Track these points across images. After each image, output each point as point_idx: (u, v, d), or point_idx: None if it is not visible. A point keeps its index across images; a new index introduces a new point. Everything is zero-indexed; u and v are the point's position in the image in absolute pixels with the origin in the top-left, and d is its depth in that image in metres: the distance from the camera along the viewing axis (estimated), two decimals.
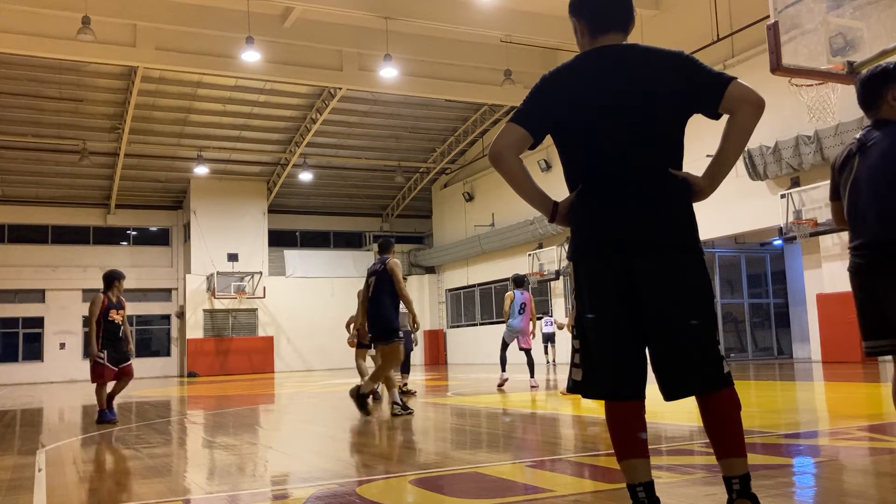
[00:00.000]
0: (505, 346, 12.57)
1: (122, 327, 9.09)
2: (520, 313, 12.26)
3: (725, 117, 2.72)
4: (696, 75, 2.70)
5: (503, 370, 12.52)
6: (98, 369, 8.89)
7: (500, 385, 12.31)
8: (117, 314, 9.05)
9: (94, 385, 8.98)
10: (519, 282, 12.64)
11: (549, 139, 2.86)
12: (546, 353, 23.46)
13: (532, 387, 12.13)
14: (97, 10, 17.98)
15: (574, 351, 2.83)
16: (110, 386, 9.18)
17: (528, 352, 12.56)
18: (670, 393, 2.72)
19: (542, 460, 5.08)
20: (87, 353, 9.28)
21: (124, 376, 9.14)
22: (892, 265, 3.25)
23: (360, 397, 8.15)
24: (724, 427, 2.65)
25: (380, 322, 8.39)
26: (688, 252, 2.71)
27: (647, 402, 2.77)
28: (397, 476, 4.72)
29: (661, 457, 4.87)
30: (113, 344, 8.97)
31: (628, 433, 2.71)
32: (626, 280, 2.67)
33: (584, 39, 2.87)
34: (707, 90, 2.68)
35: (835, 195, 3.62)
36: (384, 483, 4.52)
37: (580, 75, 2.77)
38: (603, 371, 2.73)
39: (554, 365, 22.28)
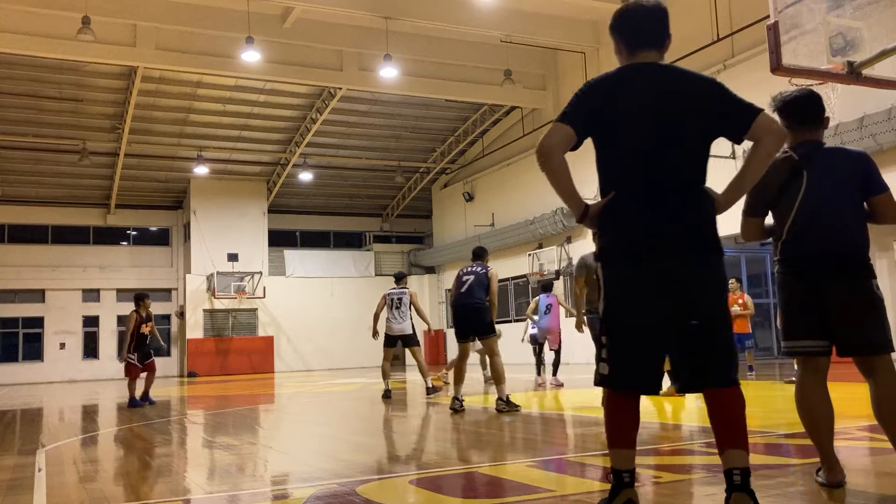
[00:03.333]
0: (537, 346, 13.31)
1: (148, 337, 12.07)
2: (546, 313, 12.85)
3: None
4: (727, 102, 2.94)
5: (539, 373, 13.02)
6: (130, 368, 11.90)
7: (541, 385, 12.64)
8: (146, 327, 11.96)
9: (128, 379, 11.94)
10: (547, 286, 13.63)
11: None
12: (536, 354, 23.38)
13: (558, 385, 12.38)
14: (97, 10, 17.96)
15: (601, 346, 3.00)
16: (140, 385, 12.13)
17: (556, 352, 13.12)
18: (694, 385, 2.91)
19: (542, 460, 5.08)
20: (120, 356, 12.47)
21: (150, 371, 12.14)
22: (854, 272, 3.52)
23: (508, 404, 8.38)
24: (732, 421, 2.81)
25: (484, 317, 8.74)
26: (717, 255, 2.94)
27: (645, 402, 2.81)
28: (397, 476, 4.72)
29: (662, 457, 4.87)
30: (141, 349, 12.00)
31: (627, 425, 2.93)
32: (658, 280, 2.86)
33: (621, 56, 3.10)
34: (737, 118, 2.91)
35: (757, 211, 3.74)
36: (384, 483, 4.52)
37: (621, 86, 2.99)
38: (631, 365, 2.92)
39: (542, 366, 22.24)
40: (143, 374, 12.15)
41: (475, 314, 8.74)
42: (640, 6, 3.06)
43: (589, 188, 3.14)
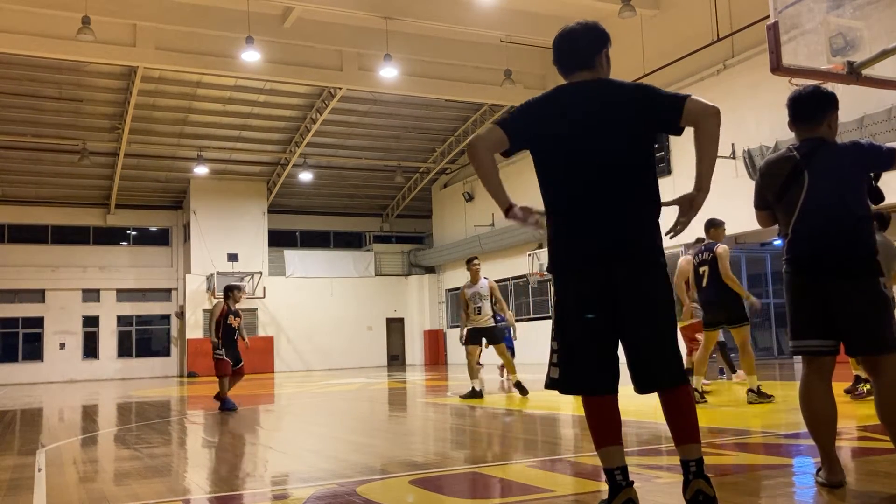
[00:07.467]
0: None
1: (237, 332, 10.35)
2: None
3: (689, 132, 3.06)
4: (655, 98, 3.08)
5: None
6: (219, 364, 10.21)
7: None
8: (235, 320, 10.32)
9: (218, 379, 10.28)
10: None
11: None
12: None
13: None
14: (97, 10, 17.97)
15: (552, 351, 3.18)
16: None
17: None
18: (644, 388, 3.09)
19: (542, 460, 5.08)
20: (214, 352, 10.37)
21: (238, 375, 10.41)
22: (860, 271, 3.51)
23: (759, 395, 7.89)
24: (686, 418, 3.04)
25: (736, 306, 8.43)
26: (657, 264, 3.10)
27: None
28: (397, 476, 4.72)
29: (661, 457, 4.87)
30: (228, 345, 10.24)
31: (606, 424, 3.07)
32: (606, 289, 3.03)
33: (562, 77, 3.31)
34: (667, 110, 3.04)
35: (764, 204, 3.81)
36: (384, 483, 4.52)
37: (558, 103, 3.16)
38: (583, 369, 3.08)
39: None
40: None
41: (731, 303, 8.35)
42: (566, 34, 3.27)
43: None
